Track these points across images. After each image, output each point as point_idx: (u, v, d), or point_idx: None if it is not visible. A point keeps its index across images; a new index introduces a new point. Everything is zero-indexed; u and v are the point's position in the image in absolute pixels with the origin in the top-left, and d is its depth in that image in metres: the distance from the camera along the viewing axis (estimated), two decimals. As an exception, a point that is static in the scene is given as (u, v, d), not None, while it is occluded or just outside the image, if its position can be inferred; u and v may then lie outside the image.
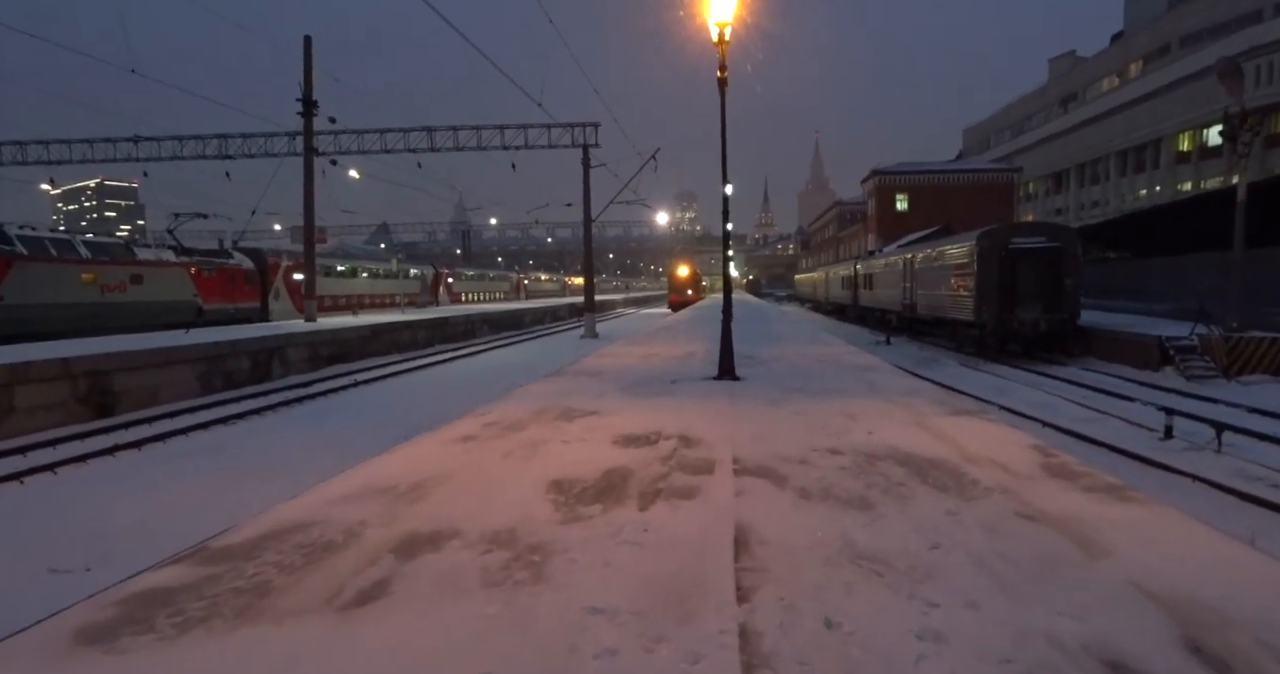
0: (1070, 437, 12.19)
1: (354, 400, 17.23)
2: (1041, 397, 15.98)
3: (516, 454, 5.37)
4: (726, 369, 9.26)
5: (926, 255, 26.18)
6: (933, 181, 52.94)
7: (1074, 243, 21.18)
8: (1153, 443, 11.72)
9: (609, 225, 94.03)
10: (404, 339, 26.67)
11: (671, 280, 53.83)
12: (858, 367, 10.71)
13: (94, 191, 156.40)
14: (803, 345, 14.91)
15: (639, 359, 12.14)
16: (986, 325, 21.20)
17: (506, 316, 37.85)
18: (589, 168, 32.12)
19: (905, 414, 6.84)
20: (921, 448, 5.44)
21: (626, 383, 9.15)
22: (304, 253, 25.91)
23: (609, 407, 7.41)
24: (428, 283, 47.28)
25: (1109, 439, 11.66)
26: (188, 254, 29.06)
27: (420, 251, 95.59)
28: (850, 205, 66.89)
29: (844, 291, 42.10)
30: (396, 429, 12.53)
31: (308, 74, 24.73)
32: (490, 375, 19.75)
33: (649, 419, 6.66)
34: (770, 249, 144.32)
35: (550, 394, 8.39)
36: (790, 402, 7.55)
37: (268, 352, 19.79)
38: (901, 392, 8.19)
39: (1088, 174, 59.42)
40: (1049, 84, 66.41)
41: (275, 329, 21.81)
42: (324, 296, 35.27)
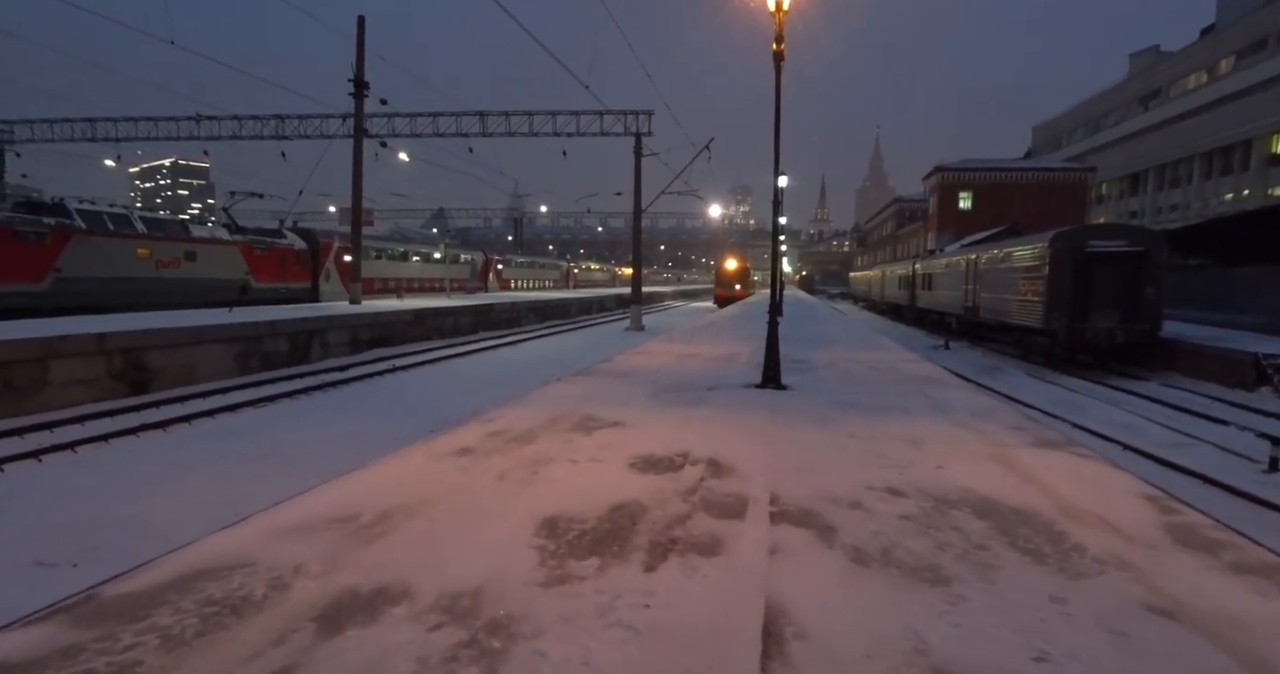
0: (1157, 464, 10.87)
1: (387, 388, 16.74)
2: (1121, 415, 14.51)
3: (513, 477, 4.53)
4: (771, 377, 8.27)
5: (992, 256, 24.52)
6: (999, 180, 50.32)
7: (1158, 247, 19.39)
8: (1256, 475, 10.33)
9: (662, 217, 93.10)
10: (447, 325, 26.25)
11: (718, 274, 50.12)
12: (919, 378, 9.58)
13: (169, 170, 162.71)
14: (857, 349, 13.76)
15: (676, 359, 11.20)
16: (1057, 333, 19.60)
17: (553, 305, 37.27)
18: (640, 157, 31.19)
19: (979, 443, 5.77)
20: (1004, 493, 4.41)
21: (658, 388, 8.25)
22: (351, 234, 25.65)
23: (633, 417, 6.52)
24: (477, 269, 47.06)
25: (1204, 469, 10.31)
26: (241, 233, 29.18)
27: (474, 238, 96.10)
28: (910, 202, 64.31)
29: (901, 291, 40.31)
30: (422, 422, 11.90)
31: (360, 54, 24.36)
32: (528, 367, 19.07)
33: (676, 436, 5.75)
34: (825, 245, 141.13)
35: (572, 397, 7.55)
36: (842, 420, 6.54)
37: (307, 334, 19.48)
38: (972, 412, 7.09)
39: (1167, 176, 55.87)
40: (1129, 80, 62.54)
41: (317, 310, 21.54)
42: (372, 279, 35.23)
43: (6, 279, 19.74)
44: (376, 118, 32.07)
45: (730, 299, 46.17)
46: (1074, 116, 69.02)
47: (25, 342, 12.55)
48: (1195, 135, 52.12)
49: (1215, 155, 51.01)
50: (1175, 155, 54.24)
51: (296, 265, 31.48)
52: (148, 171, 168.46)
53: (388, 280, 37.24)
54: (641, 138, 31.22)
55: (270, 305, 26.28)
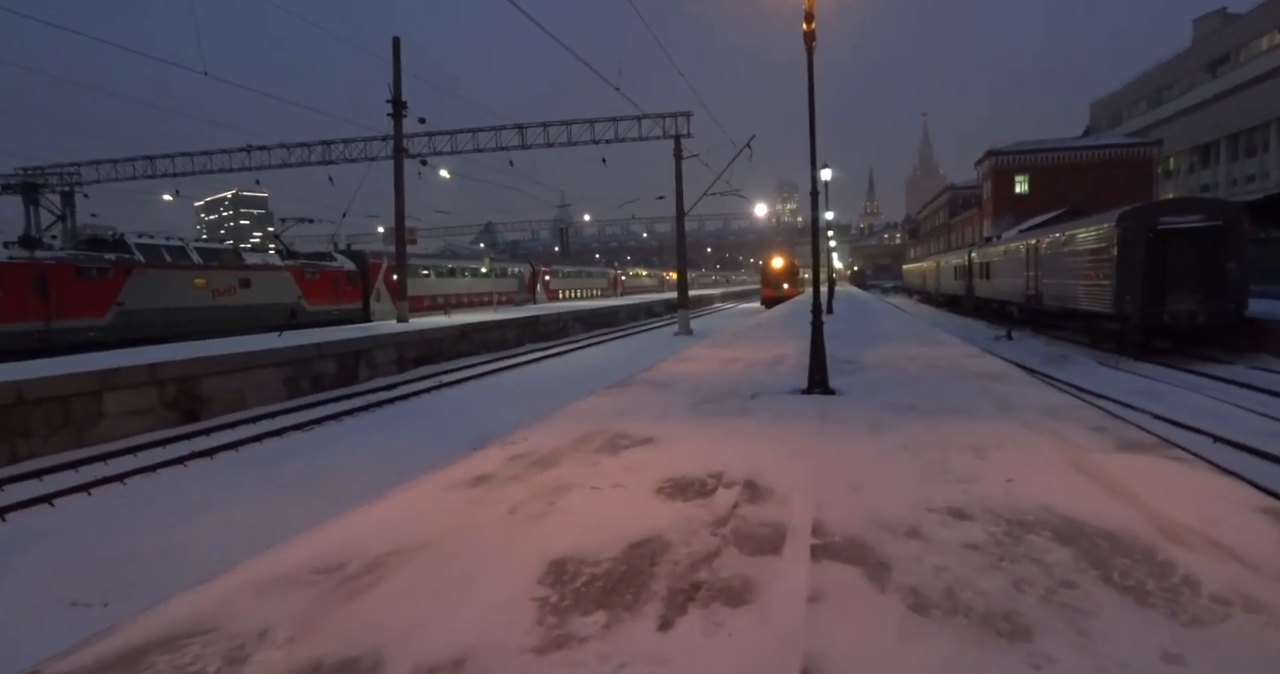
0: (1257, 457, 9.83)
1: (433, 405, 16.61)
2: (1204, 401, 13.34)
3: (527, 509, 4.09)
4: (818, 381, 7.67)
5: (1054, 240, 23.20)
6: (1056, 160, 48.09)
7: (1240, 220, 17.93)
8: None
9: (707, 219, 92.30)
10: (493, 339, 26.19)
11: (764, 273, 47.37)
12: (981, 374, 8.82)
13: (230, 202, 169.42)
14: (912, 346, 12.97)
15: (719, 365, 10.66)
16: (1129, 318, 18.30)
17: (600, 314, 37.02)
18: (681, 159, 30.69)
19: (1053, 448, 5.10)
20: (1089, 510, 3.77)
21: (698, 397, 7.73)
22: (396, 253, 25.84)
23: (668, 432, 6.03)
24: (525, 281, 47.22)
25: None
26: (292, 257, 29.77)
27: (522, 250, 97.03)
28: (962, 190, 62.09)
29: (957, 282, 38.75)
30: (463, 440, 11.63)
31: (397, 75, 24.55)
32: (571, 378, 18.74)
33: (712, 453, 5.23)
34: (876, 239, 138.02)
35: (605, 412, 7.10)
36: (897, 426, 5.92)
37: (354, 354, 19.57)
38: (1042, 411, 6.37)
39: (1242, 145, 52.55)
40: (1193, 47, 59.15)
41: (364, 331, 21.67)
42: (420, 297, 35.59)
43: (72, 315, 20.41)
44: (416, 137, 32.40)
45: (778, 299, 43.92)
46: (1134, 90, 65.72)
47: (81, 375, 12.76)
48: (1271, 100, 48.89)
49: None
50: (1250, 123, 50.99)
51: (347, 286, 31.98)
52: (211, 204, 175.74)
53: (436, 297, 37.59)
54: (681, 140, 30.74)
55: (323, 327, 26.70)
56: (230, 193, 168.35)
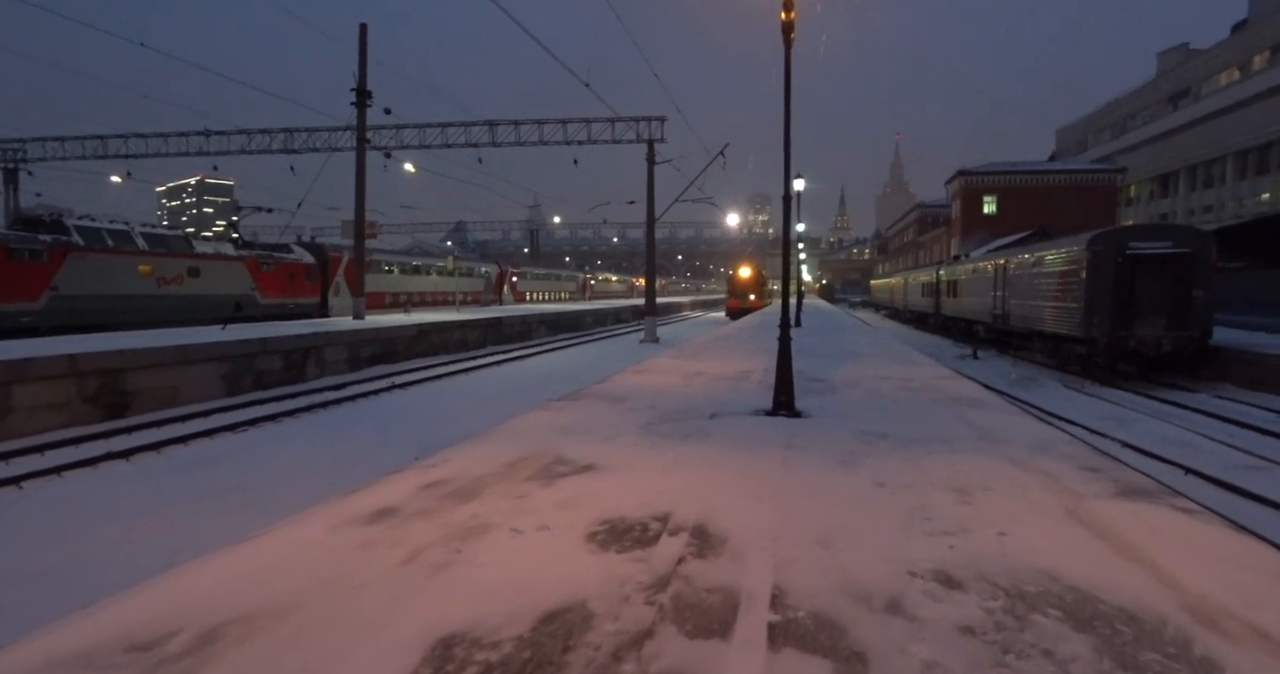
0: (1224, 490, 9.44)
1: (383, 408, 15.67)
2: (1172, 431, 13.03)
3: (427, 558, 3.32)
4: (784, 402, 7.01)
5: (1023, 261, 23.00)
6: (1025, 183, 48.50)
7: (1207, 248, 17.80)
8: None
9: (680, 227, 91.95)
10: (454, 340, 25.22)
11: (731, 283, 45.92)
12: (957, 399, 8.24)
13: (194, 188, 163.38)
14: (883, 364, 12.41)
15: (682, 378, 9.95)
16: (1097, 342, 18.06)
17: (566, 318, 36.18)
18: (653, 164, 30.08)
19: (1046, 492, 4.47)
20: (1101, 578, 3.12)
21: (654, 415, 7.01)
22: (354, 247, 24.77)
23: (614, 458, 5.30)
24: (492, 281, 46.15)
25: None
26: (247, 247, 28.51)
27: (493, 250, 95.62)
28: (932, 208, 62.50)
29: (924, 299, 38.68)
30: (410, 447, 10.81)
31: (362, 63, 23.55)
32: (529, 385, 17.93)
33: (661, 487, 4.52)
34: (845, 253, 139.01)
35: (549, 429, 6.34)
36: (870, 459, 5.26)
37: (302, 351, 18.51)
38: (1028, 445, 5.78)
39: (1200, 176, 53.68)
40: (1157, 79, 60.39)
41: (314, 327, 20.60)
42: (382, 294, 34.44)
43: (1, 299, 19.07)
44: (384, 129, 31.40)
45: (744, 310, 42.23)
46: (1100, 118, 66.95)
47: (-14, 365, 11.65)
48: (1229, 134, 50.00)
49: (1250, 154, 48.87)
50: (1208, 155, 52.11)
51: (305, 280, 30.76)
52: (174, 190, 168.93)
53: (398, 294, 36.43)
54: (654, 145, 30.14)
55: (277, 321, 25.50)
56: (194, 179, 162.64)
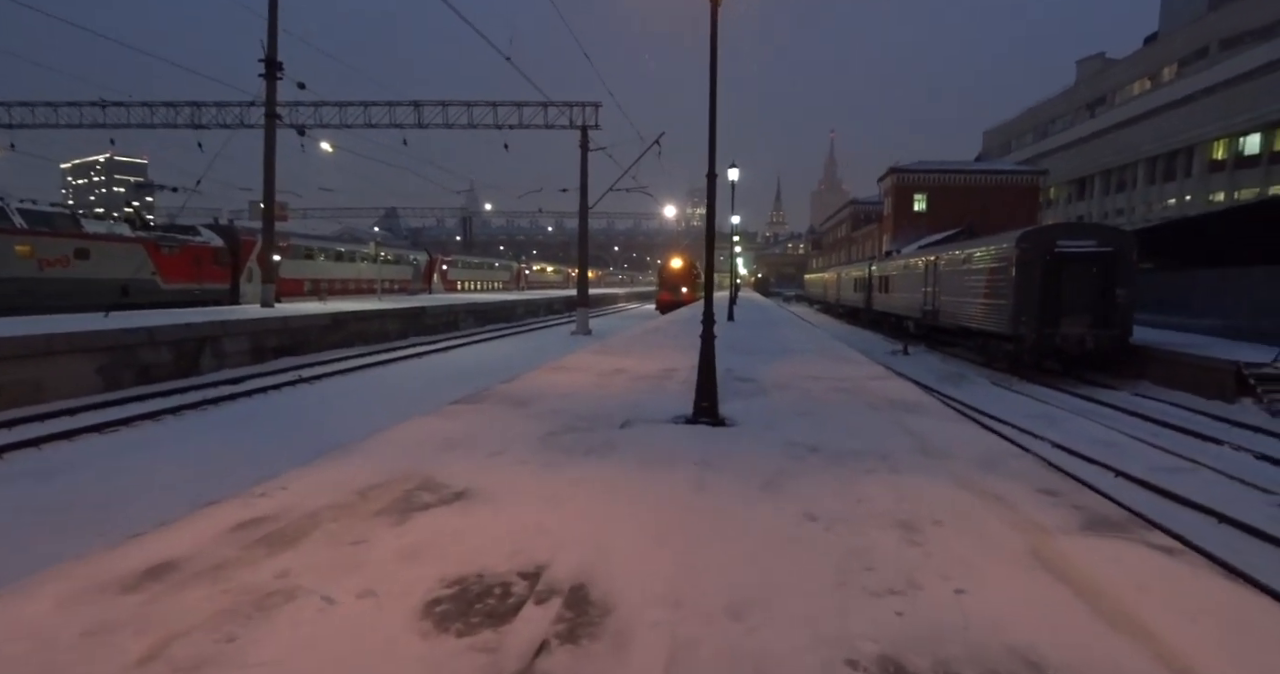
0: (1154, 493, 9.13)
1: (282, 405, 14.25)
2: (1099, 431, 12.82)
3: (174, 656, 2.30)
4: (706, 408, 6.15)
5: (953, 257, 22.91)
6: (954, 182, 49.33)
7: (1129, 248, 17.89)
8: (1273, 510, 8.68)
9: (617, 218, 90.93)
10: (372, 330, 23.66)
11: (661, 275, 42.49)
12: (893, 402, 7.56)
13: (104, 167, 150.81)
14: (815, 361, 11.75)
15: (599, 377, 9.02)
16: (1025, 340, 17.96)
17: (496, 308, 34.77)
18: (587, 151, 28.98)
19: (1004, 525, 3.73)
20: (1090, 659, 2.36)
21: (557, 423, 6.06)
22: (263, 230, 22.92)
23: (495, 481, 4.33)
24: (420, 270, 44.19)
25: (1211, 501, 8.62)
26: (147, 229, 26.22)
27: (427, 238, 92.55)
28: (865, 205, 63.22)
29: (857, 294, 38.79)
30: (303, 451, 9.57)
31: (272, 31, 21.68)
32: (447, 378, 16.72)
33: (541, 525, 3.58)
34: (781, 248, 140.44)
35: (430, 442, 5.32)
36: (799, 481, 4.45)
37: (196, 341, 16.81)
38: (975, 460, 5.07)
39: (1113, 181, 55.76)
40: (1076, 86, 62.46)
41: (211, 314, 18.83)
42: (301, 280, 32.42)
43: None
44: (301, 106, 29.37)
45: (675, 304, 39.34)
46: (1023, 122, 68.94)
47: None
48: (1140, 141, 52.02)
49: (1159, 161, 50.95)
50: (1121, 161, 54.13)
51: (213, 265, 28.54)
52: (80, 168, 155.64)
53: (319, 281, 34.37)
54: (588, 131, 29.04)
55: (181, 308, 23.45)
56: (103, 157, 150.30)
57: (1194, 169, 48.03)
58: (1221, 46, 48.73)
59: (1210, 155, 47.36)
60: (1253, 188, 44.29)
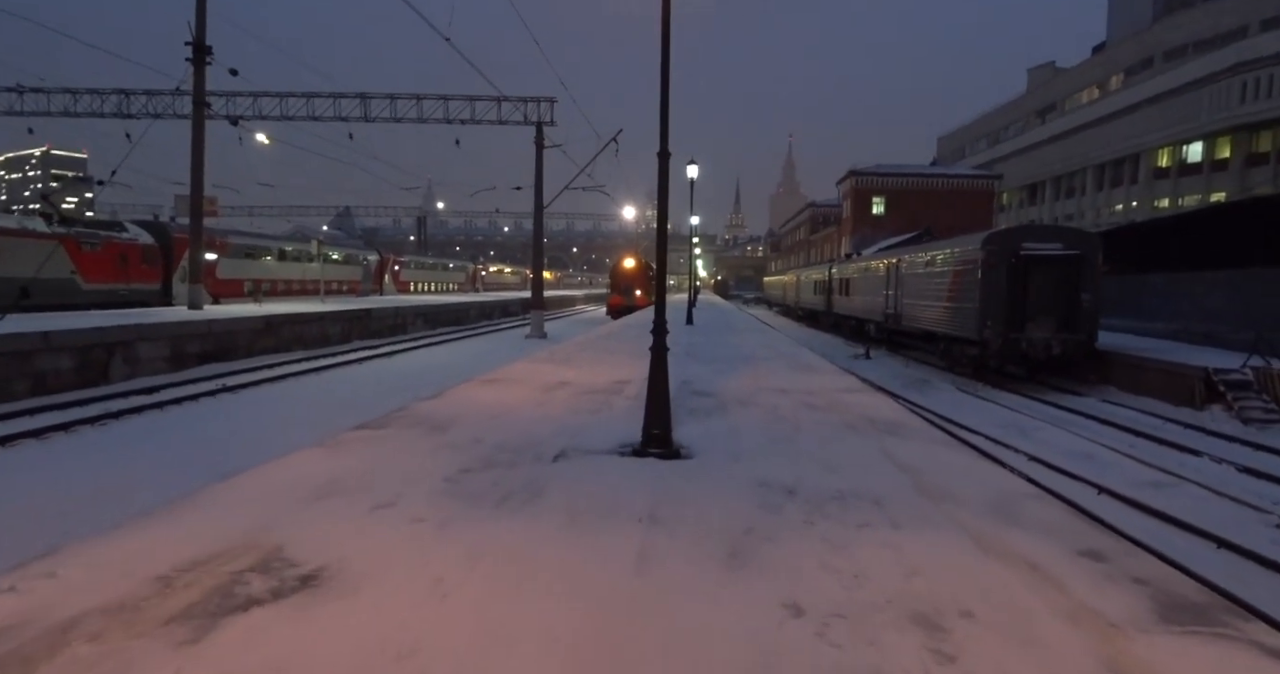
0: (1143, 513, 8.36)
1: (197, 417, 12.75)
2: (1073, 441, 12.11)
3: None
4: (657, 436, 5.04)
5: (915, 260, 22.27)
6: (911, 185, 49.26)
7: (1095, 251, 17.37)
8: (1270, 531, 7.99)
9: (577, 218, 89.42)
10: (311, 334, 22.04)
11: (614, 277, 39.06)
12: (873, 421, 6.55)
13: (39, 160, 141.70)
14: (779, 370, 10.75)
15: (539, 391, 7.84)
16: (990, 344, 17.31)
17: (447, 311, 33.22)
18: (542, 148, 27.73)
19: (1051, 613, 2.71)
20: None
21: (475, 457, 4.89)
22: (191, 226, 21.15)
23: (364, 555, 3.15)
24: (370, 270, 42.27)
25: (1204, 522, 7.88)
26: (66, 224, 24.16)
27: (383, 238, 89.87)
28: (824, 207, 63.01)
29: (816, 297, 38.21)
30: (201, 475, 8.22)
31: (200, 11, 19.97)
32: (386, 387, 15.36)
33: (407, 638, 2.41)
34: (740, 250, 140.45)
35: (299, 489, 4.10)
36: (776, 546, 3.36)
37: (105, 347, 15.12)
38: (987, 504, 4.06)
39: (1063, 187, 56.49)
40: (1027, 94, 63.28)
41: (125, 318, 17.10)
42: (240, 281, 30.50)
43: None
44: (239, 97, 27.53)
45: (628, 308, 35.92)
46: (976, 128, 69.66)
47: None
48: (1089, 148, 52.72)
49: (1108, 168, 51.68)
50: (1070, 167, 54.83)
51: (142, 263, 26.48)
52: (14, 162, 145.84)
53: (261, 282, 32.40)
54: (543, 127, 27.79)
55: (106, 310, 21.53)
56: (39, 150, 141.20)
57: (1140, 176, 48.79)
58: (1165, 57, 49.65)
59: (1155, 163, 48.15)
60: (1195, 195, 45.09)
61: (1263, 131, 41.81)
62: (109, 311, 20.67)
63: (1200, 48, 46.64)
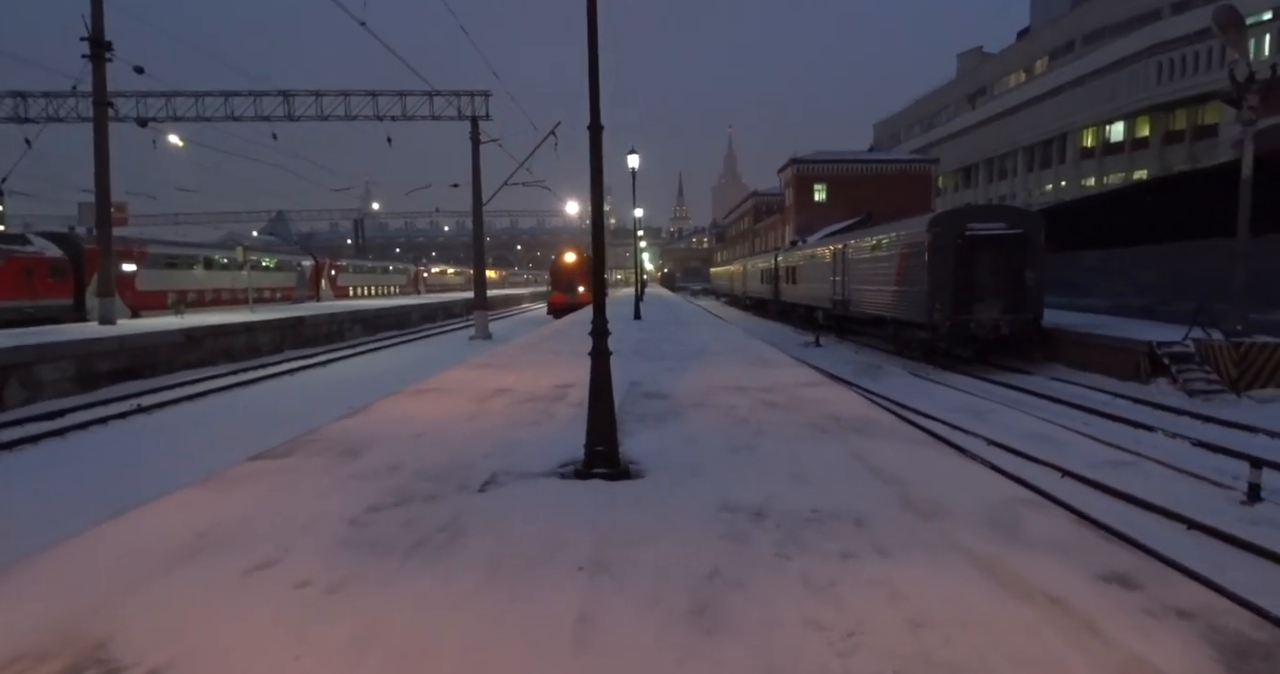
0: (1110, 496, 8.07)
1: (101, 443, 11.53)
2: (1029, 421, 11.88)
3: None
4: (602, 453, 4.36)
5: (861, 245, 22.07)
6: (851, 171, 49.56)
7: (1038, 230, 17.33)
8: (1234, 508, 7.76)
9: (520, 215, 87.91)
10: (238, 345, 20.63)
11: (554, 273, 36.81)
12: (838, 419, 6.01)
13: None
14: (734, 365, 10.18)
15: (474, 401, 7.07)
16: (939, 327, 17.14)
17: (388, 315, 31.86)
18: (478, 144, 26.66)
19: (1098, 671, 2.17)
20: None
21: (386, 491, 4.14)
22: (98, 236, 19.52)
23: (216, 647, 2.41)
24: (306, 276, 40.35)
25: (1169, 501, 7.63)
26: (-43, 238, 22.24)
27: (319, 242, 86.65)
28: (767, 196, 63.12)
29: (764, 286, 38.02)
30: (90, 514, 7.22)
31: (97, 4, 18.34)
32: (322, 398, 14.30)
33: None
34: (685, 242, 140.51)
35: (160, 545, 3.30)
36: (748, 594, 2.73)
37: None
38: (982, 518, 3.52)
39: (996, 169, 57.71)
40: (957, 79, 64.46)
41: (20, 337, 15.58)
42: (163, 292, 28.61)
43: None
44: (151, 97, 25.70)
45: (570, 306, 34.10)
46: (911, 114, 70.72)
47: None
48: (1017, 131, 53.90)
49: (1036, 149, 52.91)
50: (1001, 150, 56.00)
51: (48, 278, 24.52)
52: None
53: (187, 292, 30.47)
54: (478, 121, 26.72)
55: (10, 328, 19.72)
56: None
57: (1068, 156, 50.06)
58: (1085, 41, 51.01)
59: (1081, 143, 49.45)
60: (1119, 173, 46.46)
61: (1178, 110, 43.24)
62: (9, 331, 18.94)
63: (1117, 31, 48.01)
